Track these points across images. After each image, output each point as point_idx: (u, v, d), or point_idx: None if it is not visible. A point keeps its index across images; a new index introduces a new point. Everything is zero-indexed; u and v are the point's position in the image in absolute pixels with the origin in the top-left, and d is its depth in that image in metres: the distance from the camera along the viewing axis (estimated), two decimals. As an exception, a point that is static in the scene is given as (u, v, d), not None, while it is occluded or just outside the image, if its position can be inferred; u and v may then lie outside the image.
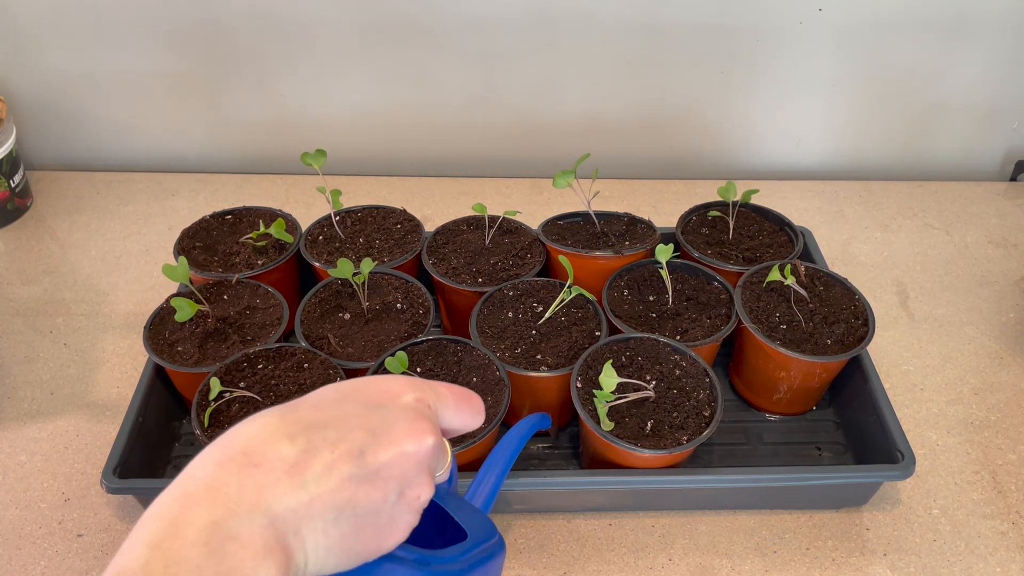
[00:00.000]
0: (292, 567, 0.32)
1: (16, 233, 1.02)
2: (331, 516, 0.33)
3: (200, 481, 0.32)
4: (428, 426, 0.38)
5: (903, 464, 0.67)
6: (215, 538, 0.30)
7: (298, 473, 0.33)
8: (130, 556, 0.30)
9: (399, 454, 0.36)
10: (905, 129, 1.15)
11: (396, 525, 0.36)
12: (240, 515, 0.31)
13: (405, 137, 1.15)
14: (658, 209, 1.08)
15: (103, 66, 1.07)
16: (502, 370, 0.70)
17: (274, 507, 0.32)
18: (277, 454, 0.33)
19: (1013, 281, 0.98)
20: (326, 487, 0.33)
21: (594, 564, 0.67)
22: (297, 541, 0.33)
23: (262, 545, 0.31)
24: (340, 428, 0.35)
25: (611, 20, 1.04)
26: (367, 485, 0.35)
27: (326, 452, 0.34)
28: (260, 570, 0.31)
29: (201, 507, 0.31)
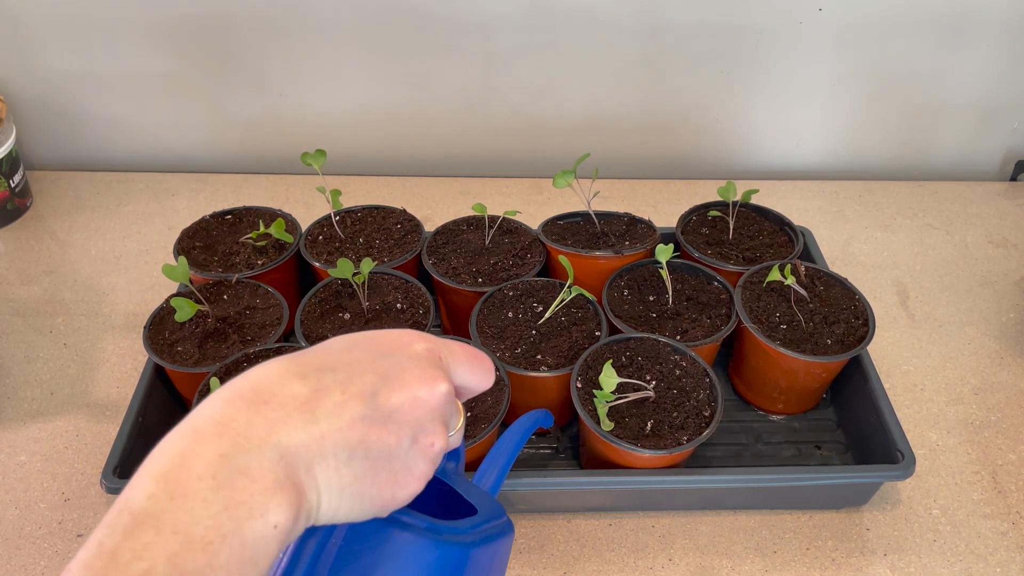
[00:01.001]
0: (304, 506, 0.31)
1: (16, 233, 1.02)
2: (344, 455, 0.32)
3: (208, 417, 0.31)
4: (440, 375, 0.37)
5: (903, 464, 0.67)
6: (223, 471, 0.30)
7: (309, 410, 0.32)
8: (136, 488, 0.29)
9: (411, 398, 0.35)
10: (905, 129, 1.15)
11: (410, 473, 0.35)
12: (249, 450, 0.31)
13: (405, 137, 1.15)
14: (658, 209, 1.08)
15: (103, 65, 1.07)
16: (502, 370, 0.70)
17: (284, 442, 0.31)
18: (287, 392, 0.33)
19: (1013, 281, 0.97)
20: (338, 425, 0.33)
21: (594, 564, 0.67)
22: (309, 479, 0.32)
23: (272, 480, 0.30)
24: (350, 371, 0.35)
25: (611, 20, 1.04)
26: (380, 427, 0.34)
27: (337, 392, 0.33)
28: (270, 504, 0.30)
29: (209, 441, 0.30)
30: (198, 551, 0.28)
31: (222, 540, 0.28)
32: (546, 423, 0.50)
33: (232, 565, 0.28)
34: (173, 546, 0.28)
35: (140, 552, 0.27)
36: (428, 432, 0.36)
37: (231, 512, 0.29)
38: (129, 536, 0.28)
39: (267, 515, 0.30)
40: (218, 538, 0.28)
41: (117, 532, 0.28)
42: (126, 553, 0.27)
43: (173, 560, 0.27)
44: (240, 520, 0.29)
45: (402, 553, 0.36)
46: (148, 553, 0.27)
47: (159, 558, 0.27)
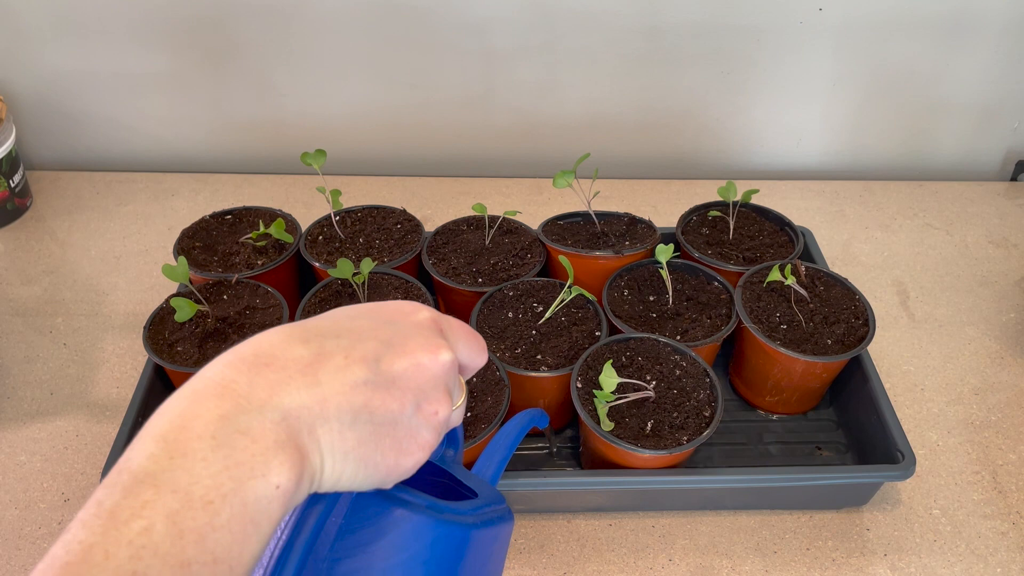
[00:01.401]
0: (307, 468, 0.31)
1: (16, 233, 1.02)
2: (347, 419, 0.32)
3: (208, 380, 0.31)
4: (443, 343, 0.37)
5: (903, 464, 0.67)
6: (223, 431, 0.29)
7: (311, 373, 0.32)
8: (136, 449, 0.29)
9: (414, 365, 0.35)
10: (905, 129, 1.15)
11: (415, 440, 0.35)
12: (250, 411, 0.30)
13: (405, 137, 1.15)
14: (658, 209, 1.08)
15: (103, 65, 1.07)
16: (502, 370, 0.70)
17: (286, 404, 0.31)
18: (290, 355, 0.32)
19: (1013, 281, 0.97)
20: (340, 388, 0.32)
21: (594, 564, 0.67)
22: (312, 441, 0.31)
23: (273, 440, 0.30)
24: (353, 338, 0.34)
25: (611, 20, 1.04)
26: (383, 392, 0.34)
27: (340, 356, 0.33)
28: (272, 465, 0.29)
29: (209, 402, 0.30)
30: (198, 510, 0.28)
31: (223, 499, 0.28)
32: (541, 423, 0.50)
33: (234, 525, 0.28)
34: (173, 504, 0.27)
35: (139, 510, 0.27)
36: (432, 400, 0.36)
37: (232, 472, 0.29)
38: (128, 495, 0.27)
39: (269, 475, 0.29)
40: (219, 497, 0.28)
41: (116, 491, 0.28)
42: (125, 511, 0.27)
43: (173, 518, 0.27)
44: (241, 480, 0.29)
45: (402, 531, 0.36)
46: (147, 511, 0.27)
47: (158, 516, 0.27)
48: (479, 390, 0.69)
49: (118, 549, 0.26)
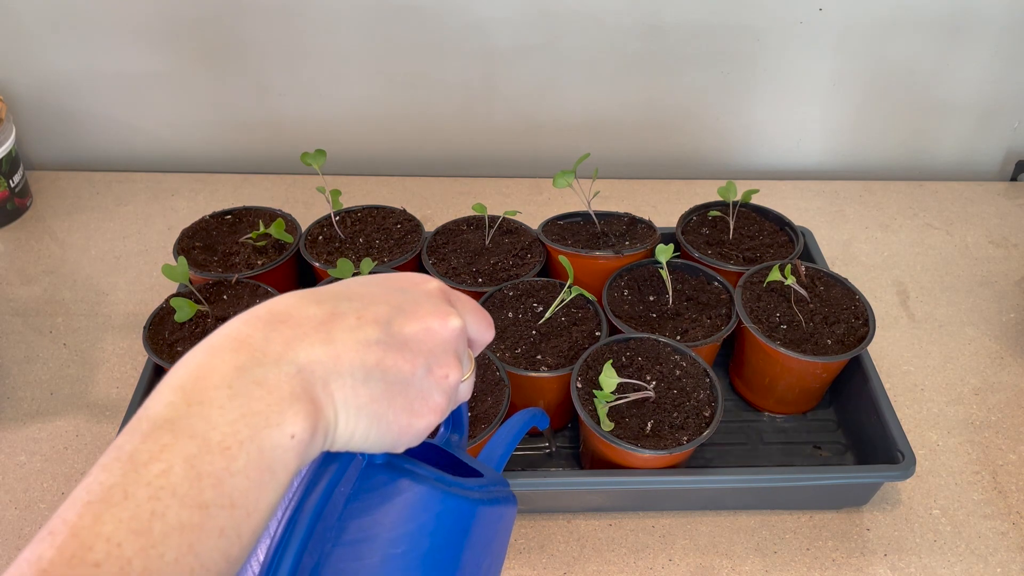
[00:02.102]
0: (322, 421, 0.32)
1: (15, 233, 1.02)
2: (360, 375, 0.33)
3: (225, 336, 0.32)
4: (453, 311, 0.38)
5: (903, 464, 0.67)
6: (239, 382, 0.30)
7: (325, 330, 0.33)
8: (154, 399, 0.30)
9: (425, 329, 0.36)
10: (905, 129, 1.15)
11: (426, 402, 0.35)
12: (266, 363, 0.31)
13: (405, 137, 1.15)
14: (658, 209, 1.08)
15: (103, 66, 1.07)
16: (502, 370, 0.70)
17: (301, 358, 0.32)
18: (304, 313, 0.33)
19: (1014, 281, 0.97)
20: (354, 345, 0.33)
21: (594, 564, 0.67)
22: (326, 395, 0.32)
23: (288, 391, 0.31)
24: (366, 301, 0.35)
25: (611, 20, 1.04)
26: (395, 353, 0.34)
27: (352, 317, 0.34)
28: (287, 414, 0.30)
29: (226, 355, 0.31)
30: (216, 454, 0.28)
31: (239, 446, 0.29)
32: (541, 424, 0.50)
33: (250, 471, 0.29)
34: (191, 449, 0.28)
35: (158, 454, 0.28)
36: (442, 363, 0.36)
37: (248, 420, 0.29)
38: (147, 439, 0.28)
39: (284, 425, 0.30)
40: (235, 444, 0.29)
41: (135, 437, 0.28)
42: (143, 455, 0.28)
43: (191, 462, 0.28)
44: (257, 428, 0.29)
45: (410, 502, 0.37)
46: (166, 455, 0.28)
47: (177, 459, 0.28)
48: (479, 390, 0.69)
49: (137, 489, 0.27)
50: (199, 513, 0.27)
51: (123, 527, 0.26)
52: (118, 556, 0.26)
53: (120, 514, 0.26)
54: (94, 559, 0.25)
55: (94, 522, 0.26)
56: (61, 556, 0.25)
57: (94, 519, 0.26)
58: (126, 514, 0.26)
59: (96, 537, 0.26)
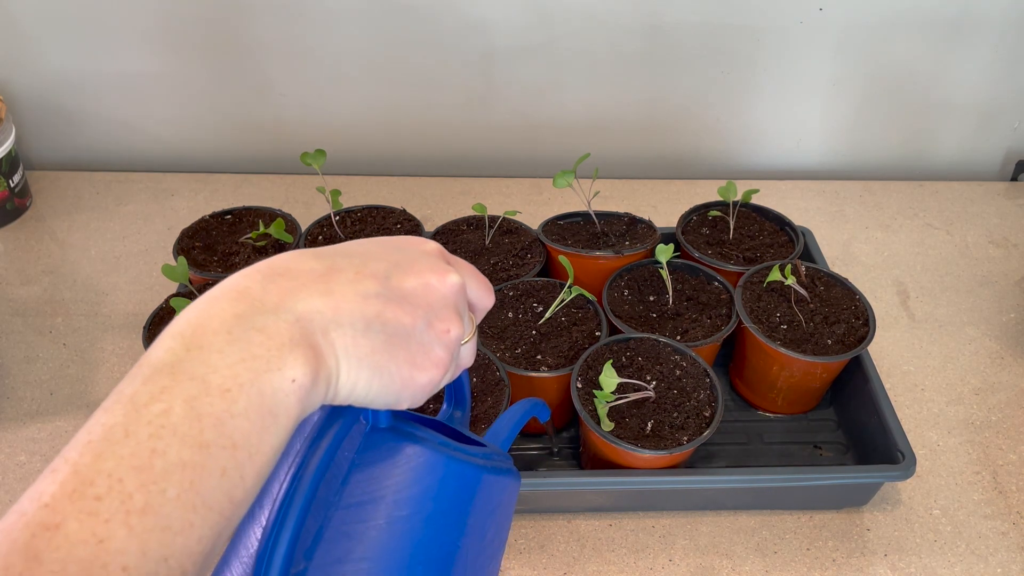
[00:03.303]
0: (323, 368, 0.32)
1: (15, 233, 1.02)
2: (360, 325, 0.33)
3: (224, 287, 0.32)
4: (451, 269, 0.38)
5: (904, 464, 0.67)
6: (238, 328, 0.30)
7: (324, 282, 0.33)
8: (155, 347, 0.30)
9: (423, 284, 0.36)
10: (906, 129, 1.15)
11: (428, 356, 0.35)
12: (265, 311, 0.31)
13: (405, 137, 1.15)
14: (658, 209, 1.08)
15: (103, 66, 1.07)
16: (502, 370, 0.70)
17: (300, 307, 0.32)
18: (303, 267, 0.34)
19: (1014, 281, 0.97)
20: (353, 297, 0.33)
21: (594, 564, 0.67)
22: (327, 343, 0.32)
23: (288, 338, 0.31)
24: (364, 258, 0.36)
25: (611, 20, 1.04)
26: (394, 305, 0.34)
27: (351, 271, 0.34)
28: (287, 359, 0.30)
29: (225, 304, 0.31)
30: (216, 396, 0.28)
31: (239, 389, 0.29)
32: (542, 415, 0.50)
33: (251, 413, 0.29)
34: (190, 390, 0.28)
35: (158, 395, 0.28)
36: (443, 318, 0.36)
37: (247, 364, 0.30)
38: (147, 383, 0.28)
39: (284, 369, 0.30)
40: (235, 386, 0.29)
41: (136, 381, 0.29)
42: (143, 396, 0.28)
43: (191, 403, 0.28)
44: (257, 372, 0.30)
45: (414, 465, 0.37)
46: (165, 396, 0.28)
47: (176, 400, 0.28)
48: (479, 390, 0.69)
49: (138, 428, 0.27)
50: (200, 452, 0.28)
51: (124, 463, 0.26)
52: (119, 491, 0.26)
53: (121, 451, 0.26)
54: (95, 493, 0.25)
55: (95, 459, 0.26)
56: (63, 491, 0.25)
57: (95, 457, 0.26)
58: (127, 451, 0.27)
59: (97, 473, 0.26)
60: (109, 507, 0.25)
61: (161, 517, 0.26)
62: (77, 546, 0.25)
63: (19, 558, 0.24)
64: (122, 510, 0.26)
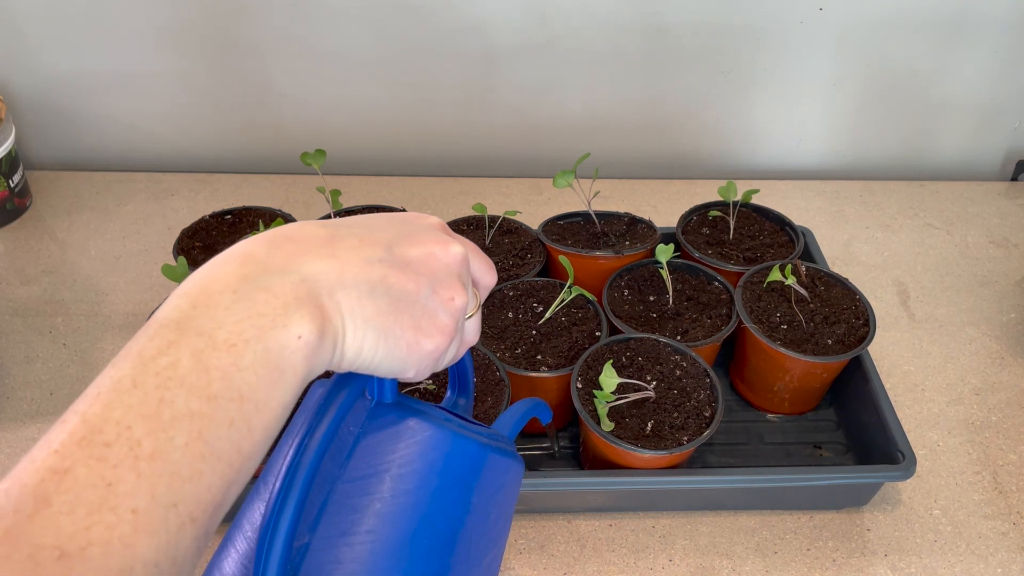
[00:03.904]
0: (329, 328, 0.32)
1: (15, 233, 1.02)
2: (365, 288, 0.33)
3: (230, 252, 0.33)
4: (454, 240, 0.38)
5: (904, 464, 0.67)
6: (244, 287, 0.31)
7: (329, 246, 0.34)
8: (162, 307, 0.31)
9: (427, 253, 0.37)
10: (906, 129, 1.15)
11: (433, 322, 0.36)
12: (271, 273, 0.32)
13: (405, 137, 1.15)
14: (658, 209, 1.08)
15: (103, 66, 1.07)
16: (502, 370, 0.70)
17: (305, 269, 0.32)
18: (307, 233, 0.34)
19: (1014, 281, 0.97)
20: (357, 261, 0.34)
21: (594, 565, 0.67)
22: (332, 304, 0.32)
23: (294, 297, 0.31)
24: (368, 228, 0.36)
25: (611, 20, 1.03)
26: (398, 271, 0.35)
27: (355, 239, 0.35)
28: (292, 317, 0.31)
29: (230, 266, 0.32)
30: (222, 351, 0.29)
31: (245, 344, 0.29)
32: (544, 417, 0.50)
33: (258, 368, 0.29)
34: (197, 344, 0.29)
35: (165, 349, 0.28)
36: (447, 286, 0.37)
37: (253, 320, 0.30)
38: (154, 338, 0.29)
39: (290, 326, 0.30)
40: (241, 342, 0.29)
41: (143, 338, 0.29)
42: (150, 350, 0.28)
43: (198, 356, 0.28)
44: (263, 328, 0.30)
45: (420, 440, 0.37)
46: (173, 349, 0.28)
47: (184, 353, 0.28)
48: (479, 390, 0.69)
49: (145, 379, 0.28)
50: (208, 403, 0.28)
51: (132, 412, 0.27)
52: (128, 438, 0.26)
53: (128, 400, 0.27)
54: (104, 440, 0.26)
55: (103, 409, 0.27)
56: (71, 439, 0.26)
57: (103, 406, 0.27)
58: (134, 400, 0.27)
59: (106, 421, 0.26)
60: (117, 453, 0.26)
61: (170, 464, 0.26)
62: (86, 489, 0.25)
63: (29, 500, 0.24)
64: (131, 456, 0.26)
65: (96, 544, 0.24)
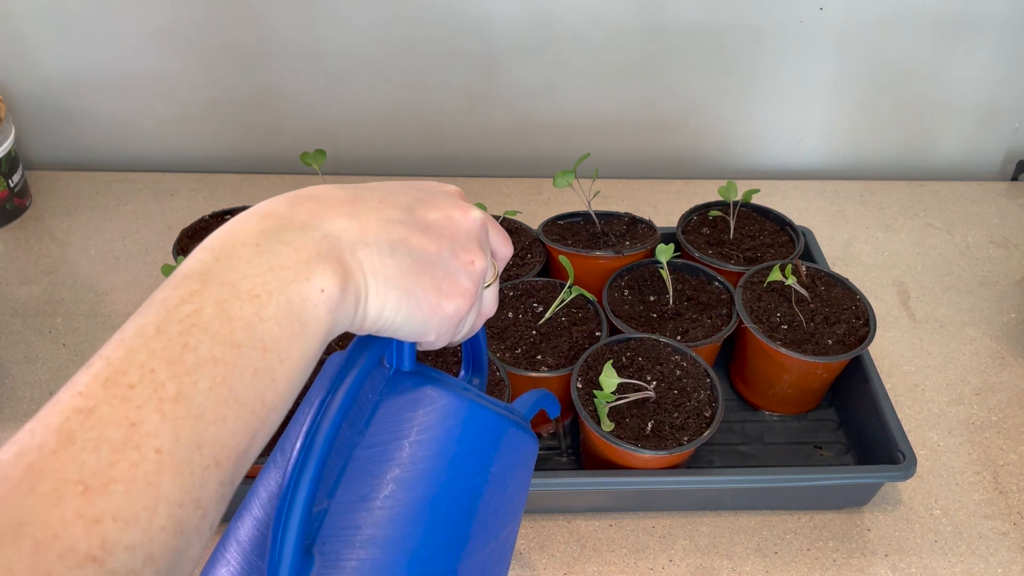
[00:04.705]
0: (351, 283, 0.32)
1: (15, 233, 1.02)
2: (386, 247, 0.34)
3: (252, 210, 0.33)
4: (473, 207, 0.38)
5: (904, 464, 0.67)
6: (266, 242, 0.31)
7: (350, 206, 0.34)
8: (185, 261, 0.31)
9: (446, 217, 0.37)
10: (906, 129, 1.15)
11: (454, 284, 0.36)
12: (293, 228, 0.32)
13: (405, 137, 1.15)
14: (658, 209, 1.08)
15: (103, 66, 1.07)
16: (502, 370, 0.70)
17: (327, 226, 0.33)
18: (328, 193, 0.35)
19: (1014, 281, 0.97)
20: (378, 221, 0.34)
21: (594, 565, 0.67)
22: (354, 260, 0.33)
23: (316, 252, 0.31)
24: (387, 192, 0.37)
25: (611, 20, 1.03)
26: (419, 233, 0.35)
27: (375, 200, 0.35)
28: (315, 270, 0.31)
29: (252, 221, 0.32)
30: (245, 301, 0.29)
31: (268, 295, 0.30)
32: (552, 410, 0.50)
33: (281, 319, 0.30)
34: (221, 294, 0.29)
35: (188, 297, 0.29)
36: (467, 250, 0.37)
37: (276, 273, 0.30)
38: (177, 288, 0.29)
39: (312, 279, 0.31)
40: (264, 293, 0.30)
41: (167, 288, 0.30)
42: (175, 298, 0.29)
43: (221, 305, 0.29)
44: (285, 281, 0.30)
45: (438, 407, 0.37)
46: (196, 298, 0.29)
47: (207, 302, 0.29)
48: (479, 390, 0.69)
49: (169, 326, 0.28)
50: (231, 351, 0.28)
51: (156, 356, 0.27)
52: (152, 380, 0.26)
53: (153, 345, 0.27)
54: (128, 382, 0.26)
55: (127, 353, 0.27)
56: (96, 380, 0.26)
57: (128, 351, 0.27)
58: (158, 345, 0.27)
59: (130, 364, 0.27)
60: (141, 394, 0.26)
61: (194, 406, 0.27)
62: (110, 428, 0.25)
63: (53, 437, 0.25)
64: (155, 397, 0.26)
65: (119, 481, 0.24)
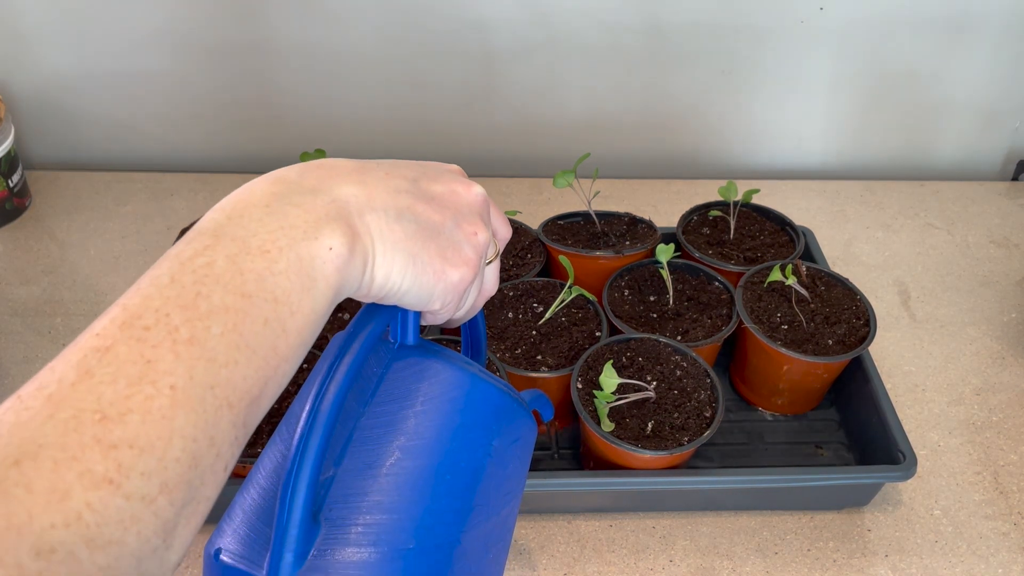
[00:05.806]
0: (359, 244, 0.33)
1: (14, 233, 1.02)
2: (393, 213, 0.35)
3: (263, 176, 0.35)
4: (475, 183, 0.40)
5: (905, 465, 0.67)
6: (276, 203, 0.33)
7: (358, 173, 0.36)
8: (200, 220, 0.33)
9: (450, 190, 0.39)
10: (907, 128, 1.15)
11: (458, 253, 0.37)
12: (302, 192, 0.33)
13: (405, 137, 1.15)
14: (659, 209, 1.08)
15: (103, 66, 1.07)
16: (502, 370, 0.70)
17: (335, 191, 0.34)
18: (336, 162, 0.36)
19: (1015, 281, 0.97)
20: (385, 189, 0.35)
21: (595, 565, 0.67)
22: (362, 224, 0.34)
23: (324, 213, 0.33)
24: (392, 164, 0.38)
25: (611, 19, 1.03)
26: (424, 203, 0.37)
27: (381, 171, 0.37)
28: (323, 230, 0.32)
29: (263, 185, 0.34)
30: (256, 256, 0.31)
31: (279, 251, 0.31)
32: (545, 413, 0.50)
33: (291, 273, 0.31)
34: (232, 249, 0.30)
35: (201, 251, 0.30)
36: (470, 221, 0.38)
37: (286, 231, 0.32)
38: (191, 243, 0.31)
39: (321, 238, 0.32)
40: (275, 249, 0.31)
41: (181, 243, 0.31)
42: (188, 252, 0.30)
43: (233, 259, 0.30)
44: (295, 239, 0.32)
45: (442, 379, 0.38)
46: (209, 252, 0.30)
47: (220, 256, 0.30)
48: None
49: (183, 276, 0.29)
50: (243, 301, 0.29)
51: (170, 303, 0.28)
52: (166, 323, 0.28)
53: (167, 293, 0.29)
54: (143, 324, 0.28)
55: (143, 300, 0.28)
56: (113, 324, 0.28)
57: (143, 298, 0.28)
58: (172, 293, 0.29)
59: (145, 309, 0.28)
60: (156, 336, 0.27)
61: (207, 349, 0.28)
62: (126, 364, 0.26)
63: (72, 372, 0.26)
64: (169, 339, 0.27)
65: (135, 412, 0.26)
